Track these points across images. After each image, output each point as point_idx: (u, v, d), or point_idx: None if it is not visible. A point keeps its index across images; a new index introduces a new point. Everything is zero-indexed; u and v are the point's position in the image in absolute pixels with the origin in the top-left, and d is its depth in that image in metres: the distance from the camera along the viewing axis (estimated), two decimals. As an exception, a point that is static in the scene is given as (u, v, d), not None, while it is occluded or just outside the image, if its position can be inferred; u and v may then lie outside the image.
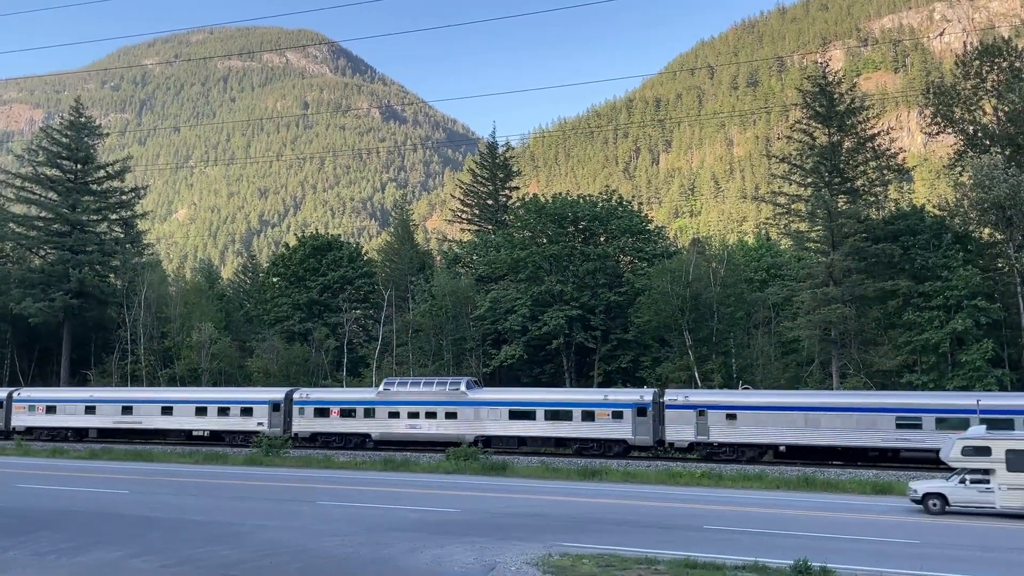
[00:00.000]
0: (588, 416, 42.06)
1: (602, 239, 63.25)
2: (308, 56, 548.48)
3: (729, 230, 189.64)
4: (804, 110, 53.89)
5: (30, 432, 52.52)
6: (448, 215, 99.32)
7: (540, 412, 43.30)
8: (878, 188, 52.89)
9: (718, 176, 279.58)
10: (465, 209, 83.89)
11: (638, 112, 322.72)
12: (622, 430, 41.36)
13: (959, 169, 52.19)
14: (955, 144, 54.18)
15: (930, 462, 33.42)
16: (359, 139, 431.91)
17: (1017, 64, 52.08)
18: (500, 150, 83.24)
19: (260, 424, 48.43)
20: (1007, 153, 50.00)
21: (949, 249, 48.38)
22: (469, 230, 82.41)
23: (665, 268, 56.14)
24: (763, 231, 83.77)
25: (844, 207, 51.49)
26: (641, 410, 41.26)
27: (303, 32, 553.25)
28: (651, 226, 69.05)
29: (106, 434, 52.01)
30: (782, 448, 39.31)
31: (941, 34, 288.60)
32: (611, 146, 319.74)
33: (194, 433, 50.25)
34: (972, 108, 52.97)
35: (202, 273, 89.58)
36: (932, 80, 56.98)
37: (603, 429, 41.66)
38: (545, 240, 62.29)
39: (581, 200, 65.67)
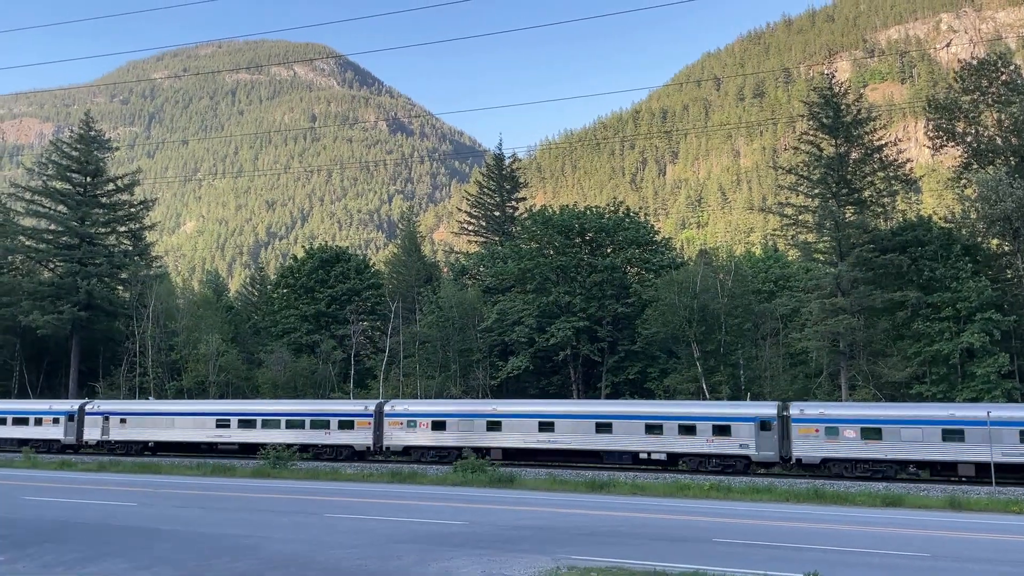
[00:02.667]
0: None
1: (609, 250, 63.30)
2: (316, 69, 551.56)
3: (736, 241, 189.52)
4: (810, 121, 53.88)
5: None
6: (455, 227, 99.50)
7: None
8: (885, 199, 52.82)
9: (725, 187, 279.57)
10: (472, 221, 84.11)
11: (644, 124, 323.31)
12: (744, 445, 39.24)
13: (963, 182, 52.11)
14: (960, 157, 54.09)
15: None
16: (366, 151, 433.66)
17: (1017, 78, 51.98)
18: (507, 162, 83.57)
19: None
20: (1012, 163, 49.86)
21: (958, 260, 48.16)
22: (476, 242, 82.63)
23: (672, 279, 56.10)
24: (770, 242, 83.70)
25: (852, 218, 51.41)
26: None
27: (311, 46, 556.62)
28: (658, 237, 69.14)
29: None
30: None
31: (948, 45, 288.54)
32: (618, 157, 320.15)
33: (644, 456, 43.44)
34: (974, 122, 52.88)
35: (210, 285, 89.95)
36: (931, 95, 56.84)
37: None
38: (552, 251, 62.35)
39: (588, 211, 65.76)
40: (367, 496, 29.08)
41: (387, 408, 47.31)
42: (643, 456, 41.56)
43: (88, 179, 74.42)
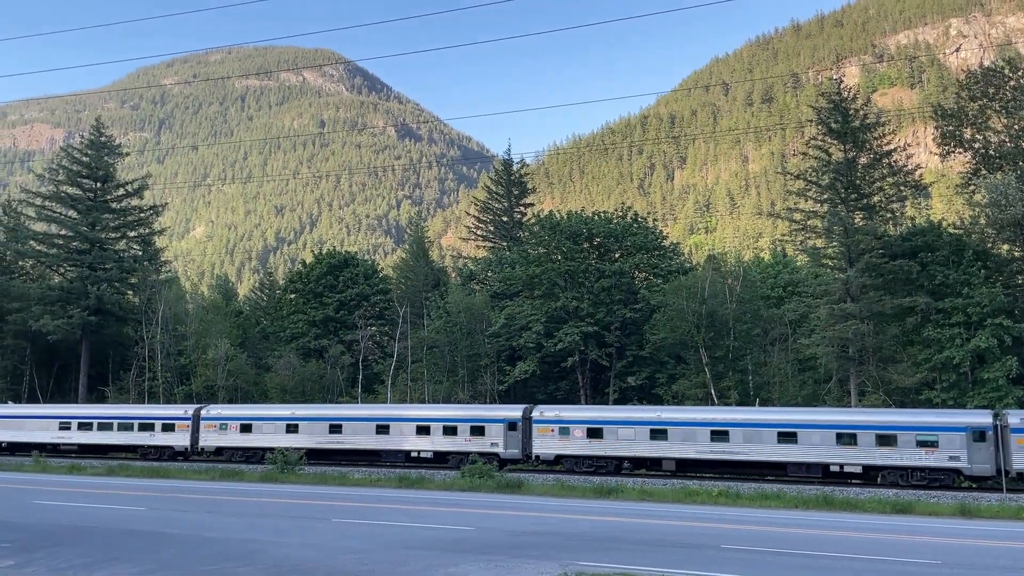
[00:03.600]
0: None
1: (617, 256, 63.26)
2: (325, 75, 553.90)
3: (745, 246, 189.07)
4: (819, 126, 53.78)
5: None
6: (463, 232, 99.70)
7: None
8: (895, 204, 52.62)
9: (733, 192, 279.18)
10: (480, 226, 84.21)
11: (653, 129, 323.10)
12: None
13: (972, 188, 51.93)
14: (968, 163, 53.92)
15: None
16: (375, 157, 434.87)
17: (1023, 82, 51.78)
18: (515, 167, 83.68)
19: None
20: (1021, 169, 49.64)
21: (970, 266, 47.93)
22: (484, 247, 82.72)
23: (681, 285, 56.01)
24: (779, 247, 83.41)
25: (861, 223, 51.21)
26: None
27: (320, 51, 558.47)
28: (666, 242, 69.08)
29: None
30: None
31: (957, 50, 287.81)
32: (626, 163, 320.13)
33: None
34: (982, 128, 52.69)
35: (219, 290, 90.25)
36: (939, 103, 56.66)
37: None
38: (560, 257, 62.35)
39: (596, 217, 65.79)
40: (374, 501, 29.08)
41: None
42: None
43: (98, 184, 74.83)
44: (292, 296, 76.80)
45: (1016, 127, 51.44)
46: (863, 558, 17.78)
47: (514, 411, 45.22)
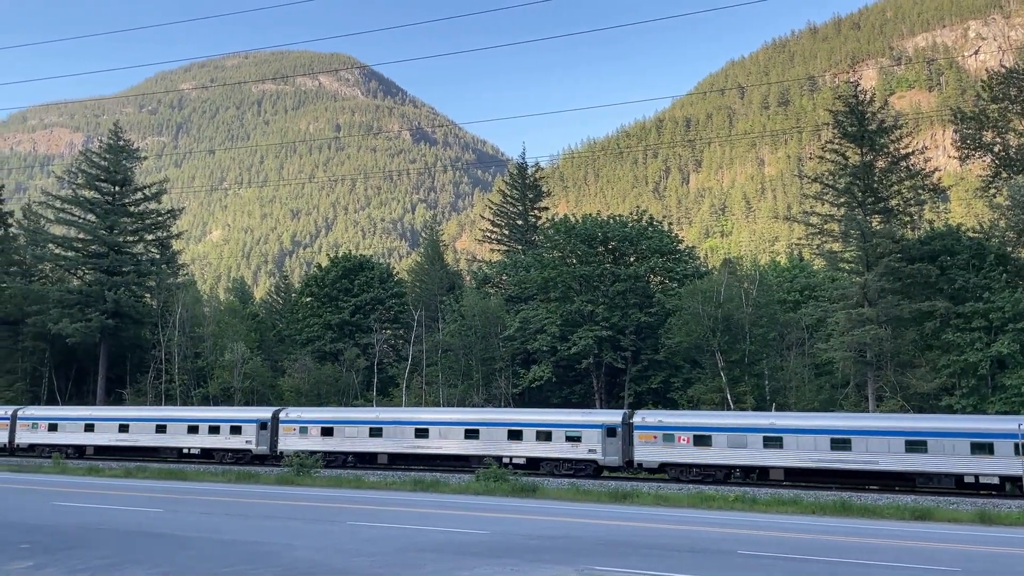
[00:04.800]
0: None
1: (632, 259, 63.12)
2: (340, 79, 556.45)
3: (761, 250, 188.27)
4: (835, 130, 53.47)
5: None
6: (478, 235, 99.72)
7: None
8: (913, 208, 52.22)
9: (749, 196, 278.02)
10: (495, 229, 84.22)
11: (668, 132, 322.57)
12: None
13: (993, 191, 51.44)
14: (988, 165, 53.45)
15: None
16: (390, 161, 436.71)
17: None
18: (530, 170, 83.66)
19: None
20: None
21: (992, 270, 47.43)
22: (498, 250, 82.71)
23: (696, 288, 55.80)
24: (795, 251, 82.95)
25: (878, 227, 50.84)
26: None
27: (335, 56, 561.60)
28: (681, 246, 68.84)
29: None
30: None
31: (976, 52, 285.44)
32: (641, 166, 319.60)
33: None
34: (1002, 130, 52.21)
35: (235, 293, 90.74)
36: (958, 106, 56.18)
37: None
38: (575, 260, 62.28)
39: (611, 220, 65.67)
40: (389, 504, 29.09)
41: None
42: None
43: (116, 188, 75.49)
44: (308, 299, 77.14)
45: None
46: (882, 565, 17.59)
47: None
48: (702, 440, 40.64)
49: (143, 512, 25.55)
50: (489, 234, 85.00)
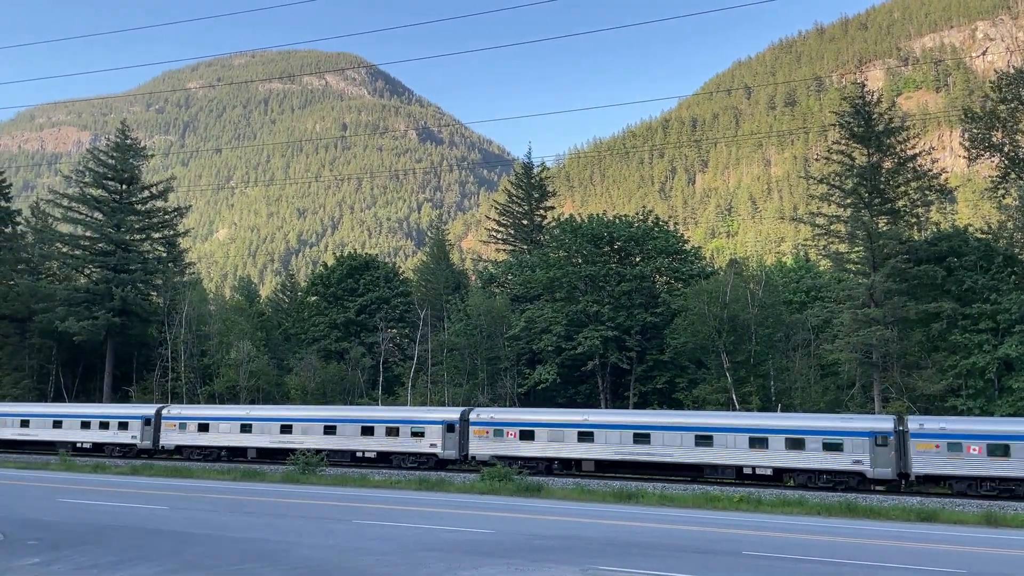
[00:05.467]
0: None
1: (638, 259, 63.05)
2: (347, 79, 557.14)
3: (767, 251, 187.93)
4: (842, 130, 53.36)
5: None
6: (483, 235, 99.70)
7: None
8: (919, 209, 52.07)
9: (755, 196, 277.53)
10: (500, 229, 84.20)
11: (674, 132, 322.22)
12: None
13: (1002, 192, 51.24)
14: (997, 166, 53.25)
15: None
16: (396, 160, 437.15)
17: None
18: (535, 170, 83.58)
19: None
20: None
21: (1000, 271, 47.25)
22: (504, 250, 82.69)
23: (702, 289, 55.72)
24: (802, 252, 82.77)
25: (885, 228, 50.72)
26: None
27: (342, 55, 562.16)
28: (687, 246, 68.69)
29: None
30: None
31: (984, 53, 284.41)
32: (647, 166, 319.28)
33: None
34: (1012, 131, 52.01)
35: (241, 292, 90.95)
36: (967, 106, 55.94)
37: None
38: (580, 260, 62.23)
39: (617, 220, 65.56)
40: (395, 503, 29.16)
41: (472, 415, 46.55)
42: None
43: (124, 186, 75.71)
44: (313, 298, 77.27)
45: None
46: (887, 566, 17.58)
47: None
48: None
49: (149, 509, 25.66)
50: (495, 234, 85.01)
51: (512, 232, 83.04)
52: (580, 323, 59.50)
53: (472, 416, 45.69)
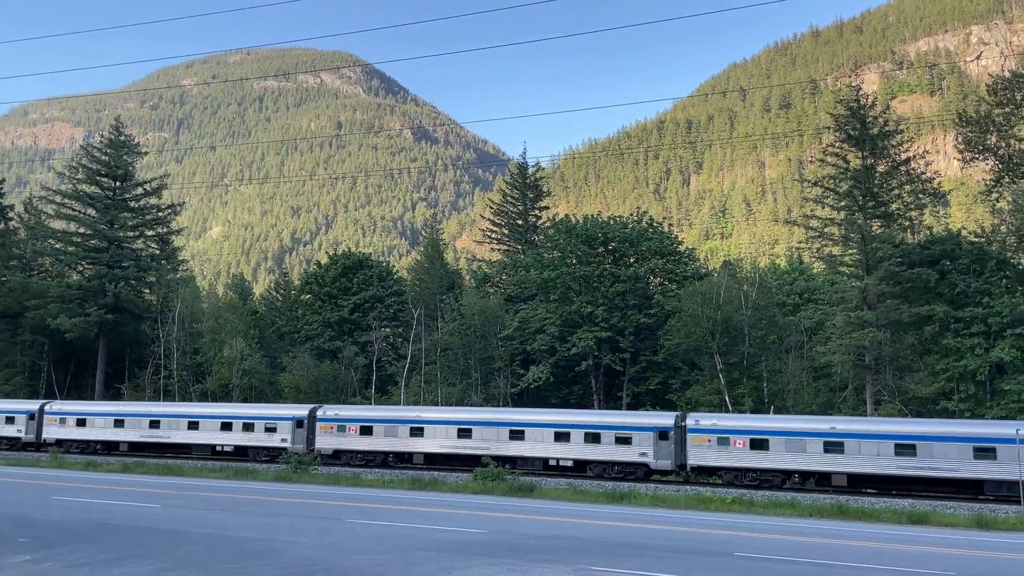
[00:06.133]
0: None
1: (632, 260, 63.13)
2: (342, 77, 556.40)
3: (761, 253, 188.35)
4: (837, 133, 53.52)
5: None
6: (478, 235, 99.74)
7: None
8: (913, 212, 52.26)
9: (750, 198, 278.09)
10: (495, 229, 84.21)
11: (669, 134, 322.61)
12: None
13: (996, 195, 51.46)
14: (991, 170, 53.48)
15: None
16: (391, 159, 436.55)
17: None
18: (530, 170, 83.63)
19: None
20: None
21: (992, 275, 47.44)
22: (499, 250, 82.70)
23: (696, 290, 55.82)
24: (795, 254, 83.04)
25: (878, 231, 50.90)
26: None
27: (337, 54, 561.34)
28: (681, 248, 68.81)
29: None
30: None
31: (978, 57, 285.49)
32: (642, 167, 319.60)
33: None
34: (1007, 135, 52.25)
35: (235, 289, 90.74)
36: (962, 109, 56.18)
37: None
38: (575, 261, 62.28)
39: (611, 221, 65.63)
40: (388, 503, 29.16)
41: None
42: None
43: (117, 183, 75.49)
44: (307, 297, 77.16)
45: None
46: (878, 568, 17.66)
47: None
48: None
49: (142, 507, 25.61)
50: (489, 233, 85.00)
51: (507, 232, 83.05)
52: (574, 324, 59.53)
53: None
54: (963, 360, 46.55)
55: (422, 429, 46.02)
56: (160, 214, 77.54)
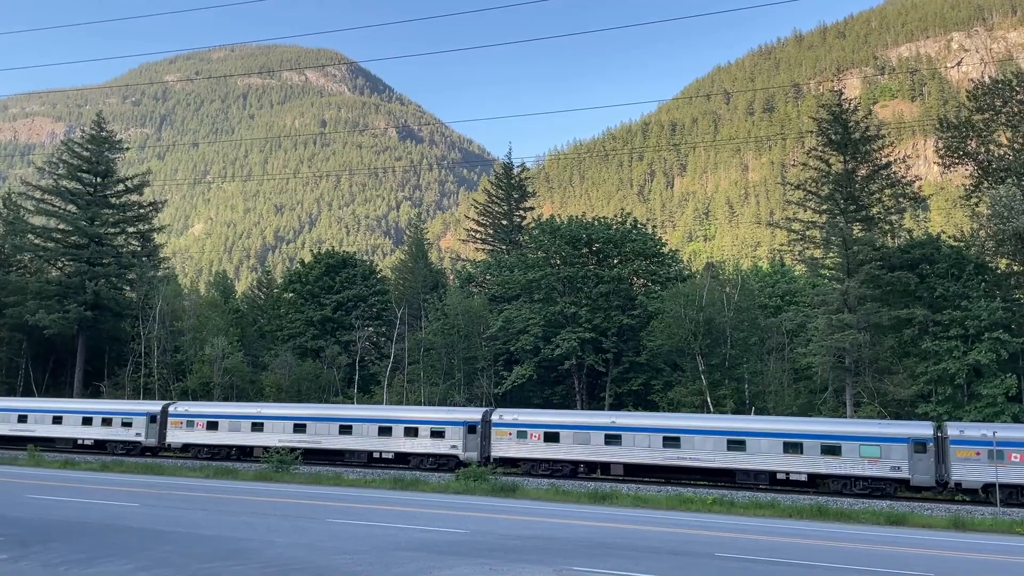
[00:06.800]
0: None
1: (616, 262, 63.26)
2: (327, 75, 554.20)
3: (743, 255, 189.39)
4: (819, 137, 53.91)
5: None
6: (462, 234, 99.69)
7: None
8: (893, 216, 52.72)
9: (733, 201, 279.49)
10: (479, 229, 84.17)
11: (653, 136, 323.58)
12: None
13: (975, 200, 52.00)
14: (971, 175, 54.04)
15: None
16: (375, 158, 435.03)
17: None
18: (515, 171, 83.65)
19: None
20: (1024, 184, 49.77)
21: (970, 279, 47.91)
22: (483, 250, 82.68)
23: (679, 292, 56.04)
24: (777, 257, 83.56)
25: (859, 235, 51.30)
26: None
27: (322, 51, 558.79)
28: (665, 249, 69.03)
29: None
30: None
31: (959, 63, 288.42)
32: (626, 169, 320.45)
33: None
34: (986, 140, 52.83)
35: (217, 287, 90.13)
36: (943, 115, 56.79)
37: None
38: (559, 261, 62.33)
39: (595, 222, 65.73)
40: (369, 502, 29.05)
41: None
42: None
43: (98, 179, 74.77)
44: (290, 295, 76.74)
45: (1020, 141, 51.58)
46: (856, 569, 17.78)
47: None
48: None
49: (120, 506, 25.37)
50: (474, 233, 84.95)
51: (491, 232, 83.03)
52: (558, 324, 59.59)
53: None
54: (941, 363, 46.98)
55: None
56: (142, 211, 76.86)
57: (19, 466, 42.71)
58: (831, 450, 37.92)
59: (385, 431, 46.58)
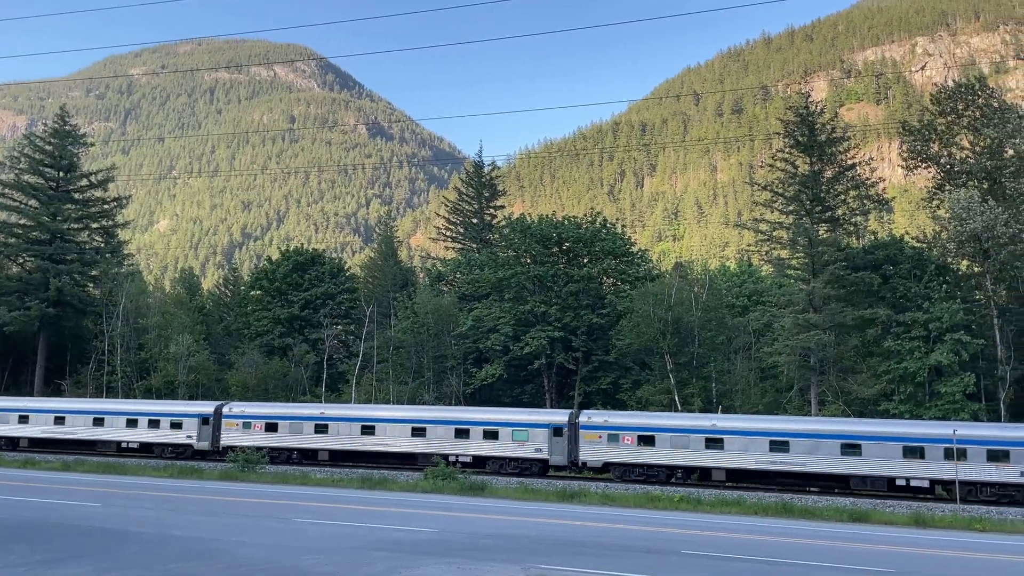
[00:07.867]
0: None
1: (585, 261, 63.53)
2: (296, 70, 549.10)
3: (711, 255, 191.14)
4: (786, 139, 54.56)
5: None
6: (432, 232, 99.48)
7: None
8: (858, 217, 53.52)
9: (701, 201, 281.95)
10: (450, 227, 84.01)
11: (624, 135, 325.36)
12: None
13: (937, 203, 52.98)
14: (933, 178, 55.06)
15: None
16: (345, 155, 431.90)
17: (993, 101, 53.13)
18: (486, 169, 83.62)
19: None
20: (984, 187, 50.83)
21: (931, 280, 48.79)
22: (453, 248, 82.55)
23: (647, 291, 56.42)
24: (745, 257, 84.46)
25: (825, 235, 52.03)
26: None
27: (291, 47, 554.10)
28: (634, 249, 69.40)
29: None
30: None
31: (923, 68, 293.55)
32: (596, 168, 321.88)
33: None
34: (948, 144, 53.86)
35: (182, 284, 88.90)
36: (906, 119, 57.82)
37: None
38: (529, 260, 62.44)
39: (565, 221, 65.94)
40: (336, 501, 28.91)
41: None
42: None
43: (61, 174, 73.44)
44: (257, 293, 75.91)
45: (980, 144, 52.67)
46: (819, 565, 18.07)
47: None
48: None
49: (82, 507, 24.98)
50: (444, 232, 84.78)
51: (461, 230, 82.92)
52: (527, 323, 59.71)
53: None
54: (903, 362, 47.82)
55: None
56: (105, 207, 75.60)
57: (-22, 466, 41.84)
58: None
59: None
